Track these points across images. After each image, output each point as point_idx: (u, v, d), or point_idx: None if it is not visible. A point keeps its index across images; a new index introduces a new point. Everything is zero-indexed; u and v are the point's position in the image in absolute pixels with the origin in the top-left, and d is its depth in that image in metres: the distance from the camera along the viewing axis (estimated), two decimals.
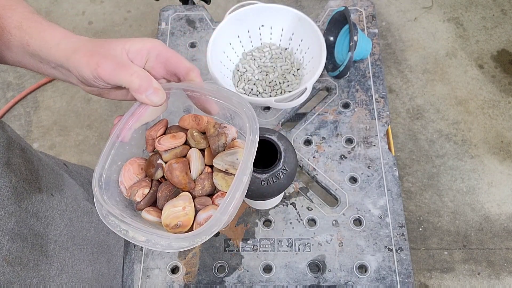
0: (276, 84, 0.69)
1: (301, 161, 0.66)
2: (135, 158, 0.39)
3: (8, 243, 0.39)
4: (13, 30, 0.39)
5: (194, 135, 0.39)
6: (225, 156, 0.38)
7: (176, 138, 0.39)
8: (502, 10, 1.70)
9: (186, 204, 0.36)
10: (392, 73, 1.60)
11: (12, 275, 0.40)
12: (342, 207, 0.62)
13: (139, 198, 0.37)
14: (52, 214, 0.47)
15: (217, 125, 0.39)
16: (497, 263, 1.29)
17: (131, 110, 0.38)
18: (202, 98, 0.39)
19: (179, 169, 0.37)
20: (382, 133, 0.67)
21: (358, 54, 0.69)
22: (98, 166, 0.35)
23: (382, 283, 0.57)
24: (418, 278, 1.28)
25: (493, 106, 1.51)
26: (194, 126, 0.40)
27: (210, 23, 0.79)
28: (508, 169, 1.41)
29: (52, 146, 1.53)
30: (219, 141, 0.38)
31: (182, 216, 0.35)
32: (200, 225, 0.35)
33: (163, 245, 0.32)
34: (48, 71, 0.40)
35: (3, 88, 1.65)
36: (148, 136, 0.40)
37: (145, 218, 0.37)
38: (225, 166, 0.37)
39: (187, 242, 0.32)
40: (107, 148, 0.36)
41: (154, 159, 0.39)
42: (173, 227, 0.35)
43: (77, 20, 1.78)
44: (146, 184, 0.37)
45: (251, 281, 0.58)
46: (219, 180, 0.38)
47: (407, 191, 1.40)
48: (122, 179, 0.38)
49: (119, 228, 0.33)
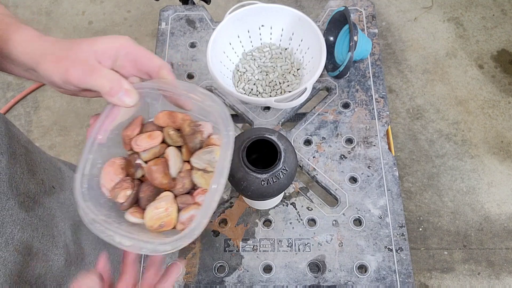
0: (276, 84, 0.69)
1: (301, 161, 0.66)
2: (114, 159, 0.39)
3: (19, 232, 0.40)
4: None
5: (171, 134, 0.39)
6: (202, 154, 0.38)
7: (153, 137, 0.39)
8: (502, 10, 1.70)
9: (169, 205, 0.36)
10: (392, 73, 1.60)
11: (22, 265, 0.40)
12: (342, 207, 0.62)
13: (122, 200, 0.37)
14: (55, 206, 0.48)
15: (192, 123, 0.39)
16: (497, 263, 1.29)
17: (105, 111, 0.37)
18: (174, 96, 0.39)
19: (159, 171, 0.37)
20: (382, 133, 0.67)
21: (358, 54, 0.69)
22: (78, 173, 0.35)
23: (382, 283, 0.57)
24: (418, 278, 1.28)
25: (493, 106, 1.51)
26: (169, 124, 0.40)
27: (210, 23, 0.79)
28: (508, 169, 1.41)
29: (52, 146, 1.53)
30: (196, 139, 0.38)
31: (165, 217, 0.36)
32: (183, 224, 0.36)
33: (149, 249, 0.33)
34: (22, 74, 0.40)
35: (3, 88, 1.65)
36: (125, 136, 0.39)
37: (129, 220, 0.37)
38: (203, 165, 0.38)
39: (170, 246, 0.33)
40: (85, 152, 0.36)
41: (133, 158, 0.39)
42: (157, 227, 0.36)
43: (77, 20, 1.78)
44: (128, 185, 0.38)
45: (251, 281, 0.58)
46: (198, 178, 0.38)
47: (407, 191, 1.40)
48: (103, 182, 0.38)
49: (105, 234, 0.34)
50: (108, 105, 0.38)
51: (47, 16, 1.79)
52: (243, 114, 0.70)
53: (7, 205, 0.39)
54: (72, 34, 1.74)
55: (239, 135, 0.51)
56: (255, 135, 0.48)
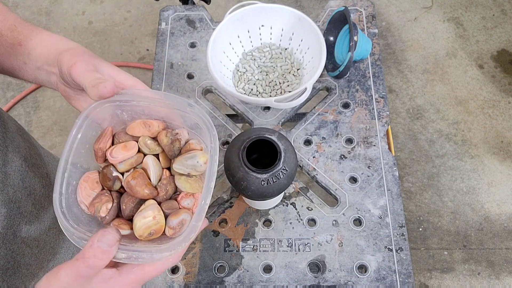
0: (276, 84, 0.69)
1: (301, 161, 0.66)
2: (88, 173, 0.39)
3: (26, 225, 0.40)
4: (5, 31, 0.41)
5: (148, 144, 0.38)
6: (185, 160, 0.38)
7: (128, 148, 0.38)
8: (502, 10, 1.70)
9: (156, 213, 0.36)
10: (392, 73, 1.60)
11: (30, 258, 0.41)
12: (342, 207, 0.62)
13: (104, 214, 0.37)
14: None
15: (169, 132, 0.39)
16: (497, 263, 1.29)
17: (73, 131, 0.37)
18: (151, 107, 0.39)
19: (139, 184, 0.37)
20: (382, 133, 0.67)
21: (358, 54, 0.69)
22: (55, 193, 0.35)
23: (382, 283, 0.57)
24: (418, 278, 1.28)
25: (493, 106, 1.51)
26: (145, 133, 0.39)
27: (210, 23, 0.79)
28: (508, 169, 1.41)
29: (52, 146, 1.53)
30: (174, 147, 0.39)
31: (154, 225, 0.35)
32: (173, 229, 0.36)
33: (146, 258, 0.33)
34: (30, 72, 0.42)
35: (3, 88, 1.65)
36: (97, 149, 0.38)
37: None
38: (187, 170, 0.38)
39: (168, 252, 0.33)
40: (59, 172, 0.35)
41: (108, 172, 0.38)
42: (147, 236, 0.36)
43: (77, 20, 1.78)
44: (107, 198, 0.37)
45: (251, 281, 0.58)
46: (183, 183, 0.38)
47: (407, 191, 1.40)
48: (81, 198, 0.37)
49: None
50: (80, 116, 0.37)
51: (47, 16, 1.79)
52: (243, 114, 0.70)
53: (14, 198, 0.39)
54: (72, 34, 1.75)
55: (239, 135, 0.51)
56: (255, 135, 0.48)
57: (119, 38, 1.73)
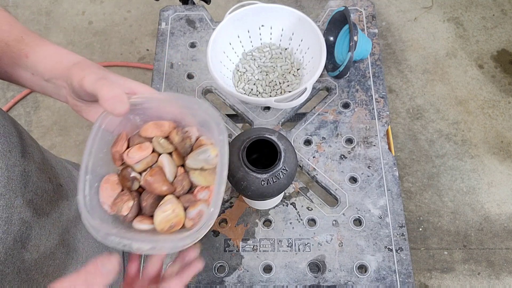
0: (276, 84, 0.69)
1: (301, 161, 0.66)
2: (108, 176, 0.41)
3: (27, 230, 0.40)
4: (12, 42, 0.41)
5: (161, 142, 0.41)
6: (197, 155, 0.40)
7: (143, 148, 0.41)
8: (502, 10, 1.70)
9: (175, 207, 0.38)
10: (392, 73, 1.60)
11: (30, 263, 0.41)
12: (342, 207, 0.62)
13: (126, 212, 0.39)
14: (63, 204, 0.48)
15: (179, 131, 0.42)
16: (497, 263, 1.29)
17: (92, 134, 0.40)
18: (159, 108, 0.41)
19: (156, 181, 0.39)
20: (382, 133, 0.67)
21: (358, 54, 0.69)
22: (79, 195, 0.37)
23: (382, 283, 0.57)
24: (418, 278, 1.28)
25: (493, 106, 1.51)
26: (157, 134, 0.42)
27: (210, 23, 0.79)
28: (508, 169, 1.41)
29: (52, 146, 1.53)
30: (186, 145, 0.41)
31: (174, 217, 0.38)
32: (192, 220, 0.38)
33: (168, 247, 0.35)
34: (38, 83, 0.43)
35: (3, 88, 1.65)
36: (115, 152, 0.41)
37: (138, 228, 0.39)
38: (200, 164, 0.40)
39: (189, 239, 0.35)
40: (82, 174, 0.38)
41: (126, 173, 0.41)
42: (168, 229, 0.38)
43: (77, 20, 1.78)
44: (128, 197, 0.40)
45: (251, 281, 0.58)
46: (197, 177, 0.40)
47: (407, 191, 1.40)
48: (103, 199, 0.40)
49: (121, 244, 0.35)
50: (95, 125, 0.39)
51: (47, 16, 1.79)
52: (243, 114, 0.70)
53: (16, 203, 0.39)
54: (72, 34, 1.75)
55: (239, 135, 0.51)
56: (255, 135, 0.48)
57: (119, 38, 1.73)
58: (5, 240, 0.38)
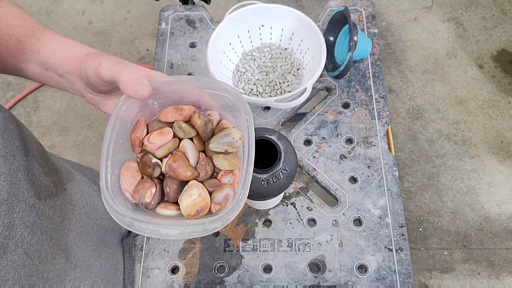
0: (276, 84, 0.69)
1: (301, 161, 0.66)
2: (128, 163, 0.40)
3: (29, 235, 0.40)
4: (23, 37, 0.41)
5: (183, 127, 0.40)
6: (220, 138, 0.40)
7: (164, 133, 0.40)
8: (502, 10, 1.70)
9: (201, 191, 0.37)
10: (392, 73, 1.60)
11: (31, 268, 0.40)
12: (342, 207, 0.62)
13: (149, 199, 0.38)
14: (66, 208, 0.48)
15: (202, 114, 0.40)
16: (497, 263, 1.29)
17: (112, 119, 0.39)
18: (191, 92, 0.40)
19: (180, 166, 0.38)
20: (382, 133, 0.67)
21: (358, 54, 0.69)
22: (102, 181, 0.36)
23: (382, 283, 0.57)
24: (418, 278, 1.28)
25: (493, 106, 1.51)
26: (178, 118, 0.41)
27: (210, 23, 0.79)
28: (508, 169, 1.41)
29: (52, 146, 1.53)
30: (207, 129, 0.40)
31: (200, 202, 0.37)
32: (219, 205, 0.37)
33: (199, 231, 0.34)
34: (52, 78, 0.42)
35: (3, 88, 1.65)
36: (135, 138, 0.40)
37: (163, 214, 0.38)
38: (224, 148, 0.39)
39: (220, 222, 0.34)
40: (103, 160, 0.37)
41: (147, 159, 0.39)
42: (195, 214, 0.37)
43: (77, 20, 1.78)
44: (150, 184, 0.39)
45: (251, 281, 0.58)
46: (221, 160, 0.39)
47: (407, 191, 1.40)
48: (125, 186, 0.39)
49: (148, 230, 0.34)
50: (113, 113, 0.39)
51: (47, 16, 1.79)
52: None
53: (18, 208, 0.39)
54: (72, 34, 1.75)
55: None
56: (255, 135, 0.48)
57: (119, 38, 1.73)
58: (7, 246, 0.37)
